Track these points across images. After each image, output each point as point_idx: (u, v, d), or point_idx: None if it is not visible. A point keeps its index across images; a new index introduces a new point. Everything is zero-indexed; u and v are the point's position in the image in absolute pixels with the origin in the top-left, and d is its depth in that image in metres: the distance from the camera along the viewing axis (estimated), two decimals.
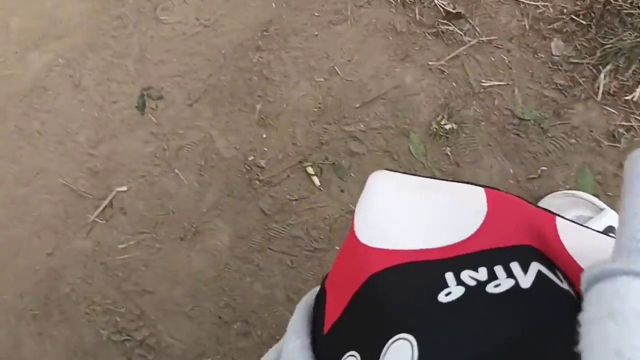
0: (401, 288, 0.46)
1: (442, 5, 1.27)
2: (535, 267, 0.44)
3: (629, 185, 0.37)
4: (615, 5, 1.16)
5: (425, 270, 0.47)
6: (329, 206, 1.35)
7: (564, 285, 0.43)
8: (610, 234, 0.52)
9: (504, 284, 0.42)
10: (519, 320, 0.40)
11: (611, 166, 1.18)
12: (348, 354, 0.46)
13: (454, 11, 1.26)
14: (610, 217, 1.13)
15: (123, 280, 1.48)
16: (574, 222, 0.51)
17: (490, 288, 0.42)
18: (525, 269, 0.44)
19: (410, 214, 0.53)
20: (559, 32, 1.21)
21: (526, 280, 0.42)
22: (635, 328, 0.28)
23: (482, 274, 0.44)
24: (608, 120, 1.19)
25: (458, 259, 0.47)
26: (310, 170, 1.35)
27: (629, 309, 0.29)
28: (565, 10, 1.21)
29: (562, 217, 0.51)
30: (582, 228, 0.51)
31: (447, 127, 1.26)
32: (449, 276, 0.45)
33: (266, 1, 1.38)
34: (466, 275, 0.45)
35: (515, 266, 0.44)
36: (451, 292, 0.43)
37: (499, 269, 0.44)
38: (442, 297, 0.43)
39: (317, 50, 1.36)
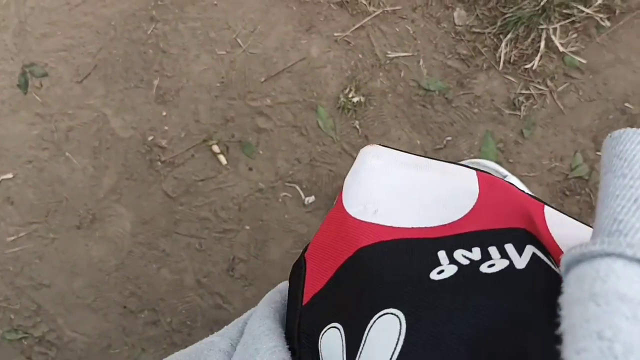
0: (392, 263, 0.45)
1: None
2: (530, 249, 0.42)
3: (608, 164, 0.35)
4: None
5: (418, 247, 0.46)
6: (237, 185, 1.28)
7: (558, 270, 0.41)
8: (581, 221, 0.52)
9: (498, 264, 0.41)
10: (513, 299, 0.38)
11: (512, 134, 1.20)
12: (330, 325, 0.44)
13: None
14: (512, 184, 1.14)
15: (15, 275, 1.35)
16: (561, 212, 0.50)
17: (484, 268, 0.41)
18: (520, 251, 0.42)
19: (403, 191, 0.52)
20: (461, 1, 1.20)
21: (521, 262, 0.41)
22: (616, 309, 0.28)
23: (475, 253, 0.43)
24: (509, 88, 1.19)
25: (451, 238, 0.46)
26: (215, 148, 1.27)
27: (610, 290, 0.28)
28: None
29: (551, 206, 0.50)
30: (569, 219, 0.50)
31: (355, 99, 1.23)
32: (442, 254, 0.44)
33: None
34: (459, 254, 0.43)
35: (509, 247, 0.43)
36: (444, 270, 0.42)
37: (493, 250, 0.43)
38: (434, 275, 0.42)
39: (216, 20, 1.26)
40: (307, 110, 1.25)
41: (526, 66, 1.18)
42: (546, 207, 0.50)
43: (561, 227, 0.47)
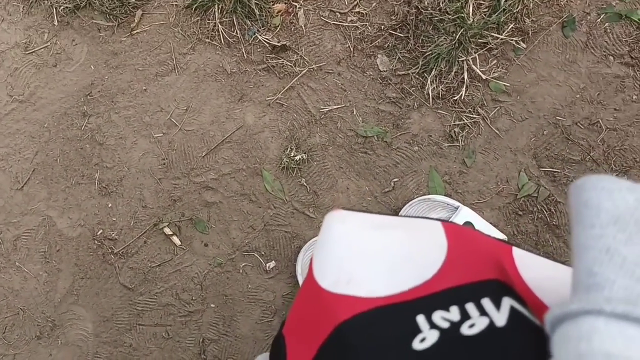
0: (373, 337, 0.43)
1: (267, 41, 1.20)
2: (507, 302, 0.41)
3: (577, 215, 0.34)
4: (426, 14, 1.16)
5: (396, 314, 0.44)
6: (195, 264, 1.21)
7: (537, 321, 0.40)
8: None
9: (479, 323, 0.39)
10: None
11: (455, 165, 1.17)
12: None
13: (279, 44, 1.20)
14: (464, 214, 1.11)
15: None
16: (529, 251, 0.49)
17: (465, 329, 0.39)
18: (497, 305, 0.41)
19: (372, 255, 0.49)
20: (382, 47, 1.19)
21: (501, 317, 0.39)
22: None
23: (454, 313, 0.42)
24: (443, 122, 1.18)
25: (427, 298, 0.44)
26: (167, 230, 1.21)
27: (596, 350, 0.28)
28: (382, 27, 1.19)
29: (518, 246, 0.49)
30: (537, 257, 0.49)
31: (297, 158, 1.19)
32: (421, 319, 0.42)
33: (83, 65, 1.24)
34: (438, 316, 0.41)
35: (487, 302, 0.41)
36: (426, 338, 0.40)
37: (470, 307, 0.42)
38: (417, 344, 0.40)
39: (149, 105, 1.23)
40: (252, 176, 1.21)
41: (455, 98, 1.16)
42: (514, 249, 0.48)
43: (532, 269, 0.45)
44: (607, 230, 0.32)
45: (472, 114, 1.16)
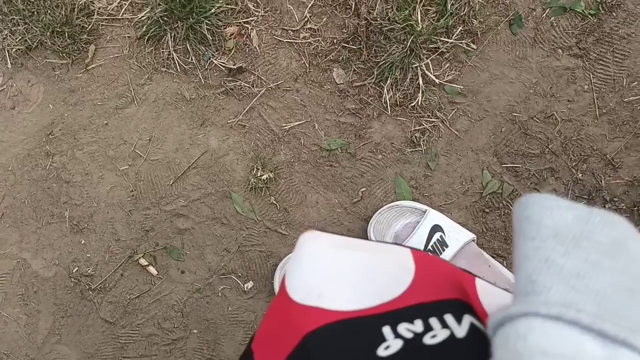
0: (339, 345, 0.44)
1: (223, 64, 1.20)
2: (468, 319, 0.43)
3: (519, 228, 0.36)
4: (376, 25, 1.17)
5: (362, 325, 0.46)
6: (173, 292, 1.21)
7: None
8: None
9: (440, 334, 0.42)
10: None
11: (419, 169, 1.19)
12: None
13: (235, 67, 1.20)
14: (432, 218, 1.12)
15: None
16: (490, 283, 0.52)
17: (427, 339, 0.42)
18: (459, 320, 0.43)
19: (344, 273, 0.51)
20: (336, 61, 1.20)
21: (461, 330, 0.42)
22: None
23: (418, 325, 0.44)
24: (403, 128, 1.19)
25: (393, 312, 0.46)
26: (143, 261, 1.21)
27: (533, 347, 0.29)
28: (335, 40, 1.20)
29: (481, 278, 0.51)
30: (498, 289, 0.51)
31: (264, 177, 1.20)
32: (386, 330, 0.44)
33: (42, 105, 1.23)
34: (403, 328, 0.44)
35: (449, 317, 0.44)
36: (390, 346, 0.42)
37: (433, 321, 0.44)
38: (381, 351, 0.42)
39: (111, 138, 1.22)
40: (222, 199, 1.21)
41: (412, 104, 1.18)
42: (477, 280, 0.50)
43: (491, 296, 0.47)
44: (547, 243, 0.34)
45: (431, 118, 1.18)
